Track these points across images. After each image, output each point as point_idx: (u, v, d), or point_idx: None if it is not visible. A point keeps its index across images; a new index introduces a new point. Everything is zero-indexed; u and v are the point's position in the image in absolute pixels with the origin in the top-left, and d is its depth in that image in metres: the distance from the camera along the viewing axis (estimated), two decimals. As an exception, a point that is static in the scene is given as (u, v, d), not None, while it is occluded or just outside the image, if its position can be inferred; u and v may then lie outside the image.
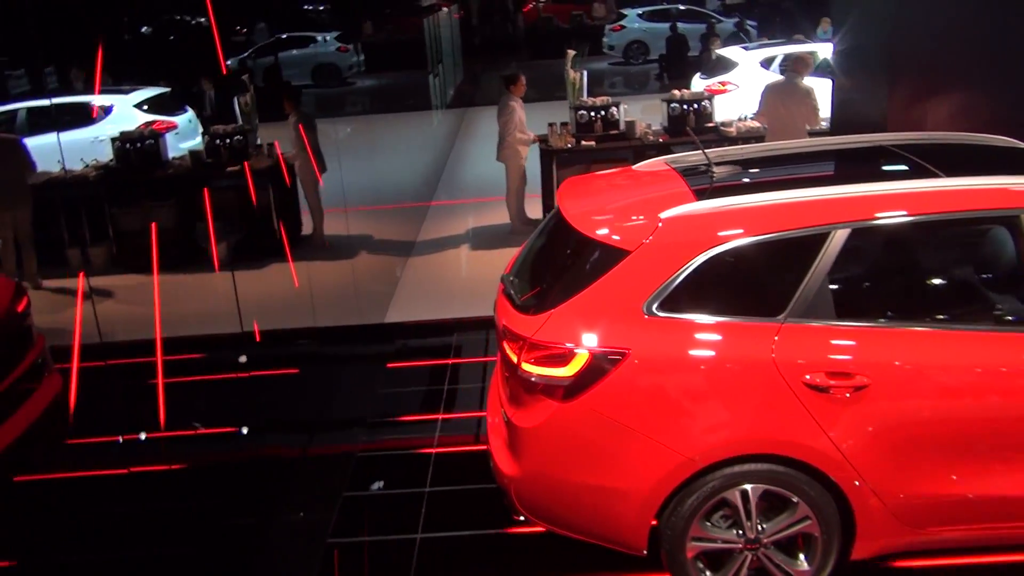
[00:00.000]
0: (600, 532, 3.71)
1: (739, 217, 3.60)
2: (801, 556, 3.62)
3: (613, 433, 3.52)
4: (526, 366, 3.60)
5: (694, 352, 3.48)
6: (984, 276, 3.74)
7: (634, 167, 4.58)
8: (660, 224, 3.60)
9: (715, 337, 3.48)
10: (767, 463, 3.48)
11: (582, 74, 10.23)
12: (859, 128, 6.06)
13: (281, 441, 5.62)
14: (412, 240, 9.92)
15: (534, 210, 9.95)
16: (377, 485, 4.83)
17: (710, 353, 3.47)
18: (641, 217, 3.72)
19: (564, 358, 3.53)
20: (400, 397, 5.95)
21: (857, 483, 3.47)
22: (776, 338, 3.46)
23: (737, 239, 3.54)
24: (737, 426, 3.45)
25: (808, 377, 3.42)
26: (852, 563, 3.63)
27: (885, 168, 4.11)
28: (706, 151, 4.16)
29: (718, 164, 4.04)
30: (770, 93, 8.86)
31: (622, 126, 9.87)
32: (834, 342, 3.47)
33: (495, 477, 3.99)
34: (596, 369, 3.49)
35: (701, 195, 3.76)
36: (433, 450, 5.15)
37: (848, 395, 3.41)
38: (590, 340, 3.51)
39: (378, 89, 23.90)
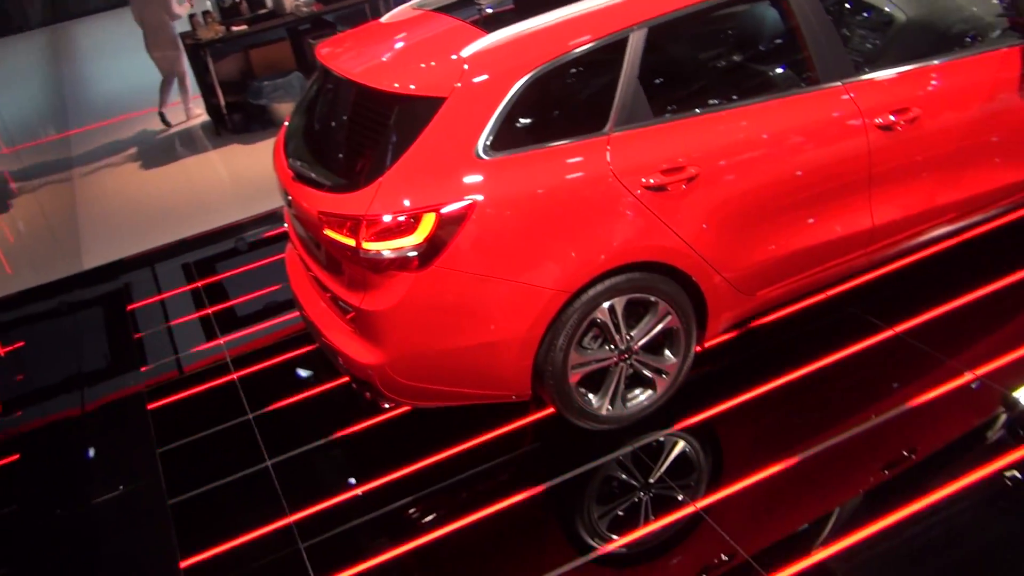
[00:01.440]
0: (483, 391, 3.62)
1: (539, 40, 3.48)
2: (666, 351, 3.78)
3: (479, 287, 3.38)
4: (368, 245, 3.32)
5: (537, 184, 3.38)
6: (762, 48, 3.97)
7: (383, 19, 4.27)
8: (466, 64, 3.40)
9: (553, 164, 3.41)
10: (627, 273, 3.53)
11: (211, -45, 9.35)
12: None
13: (48, 415, 4.84)
14: (69, 176, 8.76)
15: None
16: None
17: (552, 181, 3.40)
18: (442, 60, 3.49)
19: (410, 225, 3.29)
20: (161, 336, 5.33)
21: (703, 266, 3.64)
22: (608, 149, 3.46)
23: (544, 62, 3.43)
24: (595, 245, 3.44)
25: (645, 180, 3.48)
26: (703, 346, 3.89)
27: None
28: None
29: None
30: None
31: (270, 3, 9.23)
32: (660, 141, 3.53)
33: (349, 373, 3.73)
34: (447, 227, 3.30)
35: (487, 27, 3.60)
36: (233, 375, 4.70)
37: (683, 187, 3.52)
38: (432, 199, 3.29)
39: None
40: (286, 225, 4.36)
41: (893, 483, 3.36)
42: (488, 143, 3.35)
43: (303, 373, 4.63)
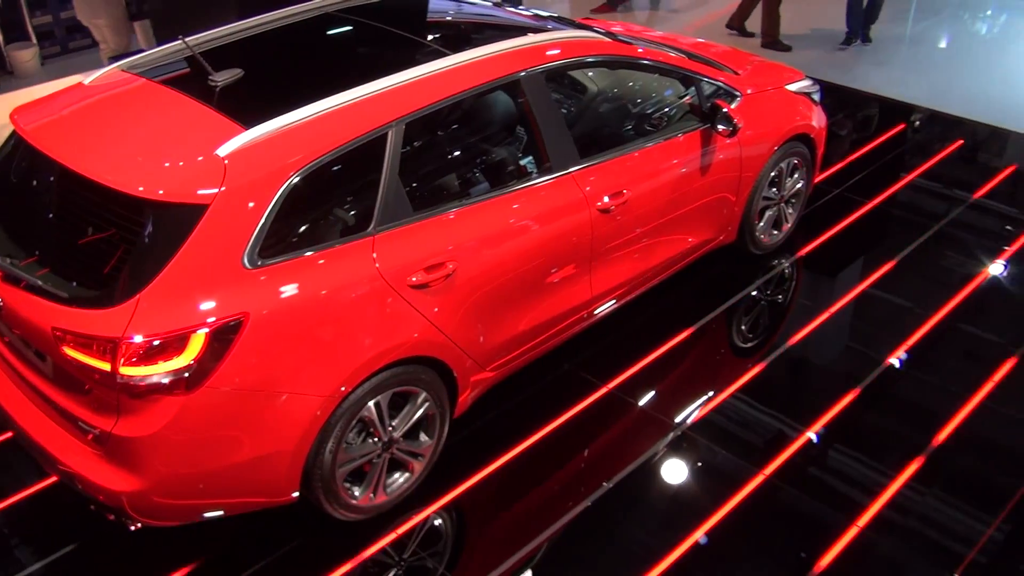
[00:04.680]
0: (251, 502, 3.46)
1: (300, 138, 3.34)
2: (422, 435, 3.85)
3: (251, 403, 3.22)
4: (128, 370, 3.01)
5: (308, 292, 3.27)
6: (505, 140, 4.12)
7: (88, 83, 3.80)
8: (226, 165, 3.18)
9: (322, 270, 3.32)
10: (392, 369, 3.55)
11: None
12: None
13: None
14: None
15: None
16: None
17: (323, 288, 3.31)
18: (195, 159, 3.22)
19: (178, 345, 3.04)
20: None
21: (457, 353, 3.77)
22: (374, 251, 3.44)
23: (308, 162, 3.31)
24: (366, 348, 3.42)
25: (409, 279, 3.51)
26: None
27: (378, 44, 4.10)
28: (189, 42, 3.69)
29: (217, 69, 3.61)
30: None
31: None
32: (422, 238, 3.57)
33: (89, 496, 3.36)
34: (218, 345, 3.09)
35: (234, 115, 3.37)
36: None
37: (443, 282, 3.60)
38: (200, 316, 3.06)
39: None
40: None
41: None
42: (255, 252, 3.18)
43: None
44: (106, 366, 3.02)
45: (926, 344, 4.86)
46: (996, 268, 5.50)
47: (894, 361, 4.73)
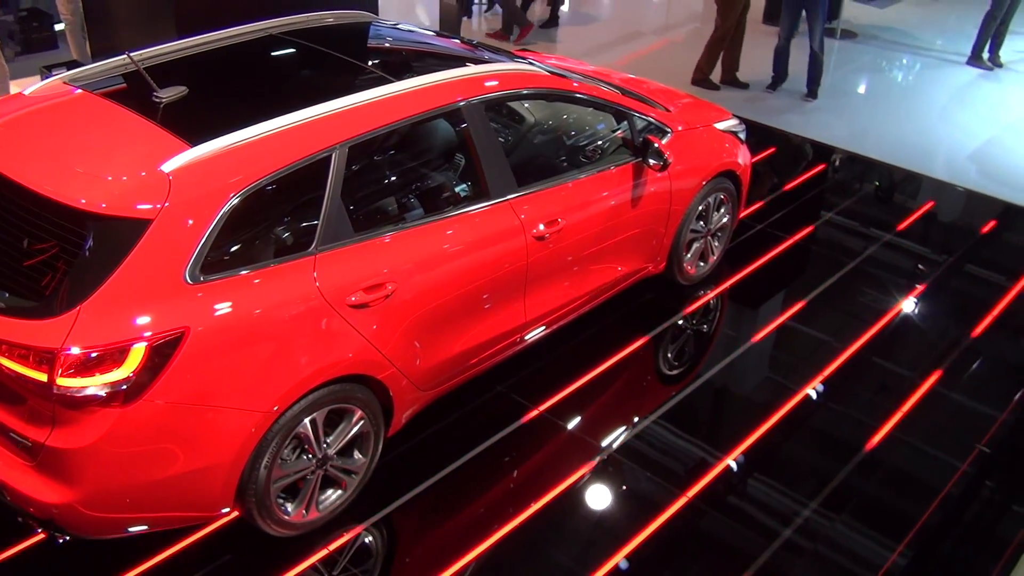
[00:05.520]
0: (184, 515, 3.47)
1: (245, 157, 3.40)
2: (356, 453, 3.91)
3: (189, 417, 3.25)
4: (65, 381, 3.02)
5: (248, 309, 3.32)
6: (445, 167, 4.23)
7: (29, 93, 3.80)
8: (171, 181, 3.22)
9: (263, 287, 3.37)
10: (329, 386, 3.60)
11: None
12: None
13: None
14: None
15: None
16: None
17: (263, 305, 3.36)
18: (139, 174, 3.25)
19: (117, 358, 3.06)
20: None
21: (394, 373, 3.84)
22: (315, 271, 3.50)
23: (252, 182, 3.37)
24: (304, 366, 3.47)
25: (349, 299, 3.58)
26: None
27: (323, 68, 4.18)
28: (134, 57, 3.72)
29: (162, 85, 3.65)
30: None
31: None
32: (362, 259, 3.65)
33: (18, 508, 3.33)
34: (157, 359, 3.12)
35: (179, 132, 3.42)
36: None
37: (382, 303, 3.68)
38: (141, 330, 3.09)
39: None
40: None
41: (562, 562, 3.88)
42: (197, 267, 3.23)
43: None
44: (43, 377, 3.03)
45: (841, 376, 5.09)
46: (908, 304, 5.78)
47: (811, 392, 4.94)
